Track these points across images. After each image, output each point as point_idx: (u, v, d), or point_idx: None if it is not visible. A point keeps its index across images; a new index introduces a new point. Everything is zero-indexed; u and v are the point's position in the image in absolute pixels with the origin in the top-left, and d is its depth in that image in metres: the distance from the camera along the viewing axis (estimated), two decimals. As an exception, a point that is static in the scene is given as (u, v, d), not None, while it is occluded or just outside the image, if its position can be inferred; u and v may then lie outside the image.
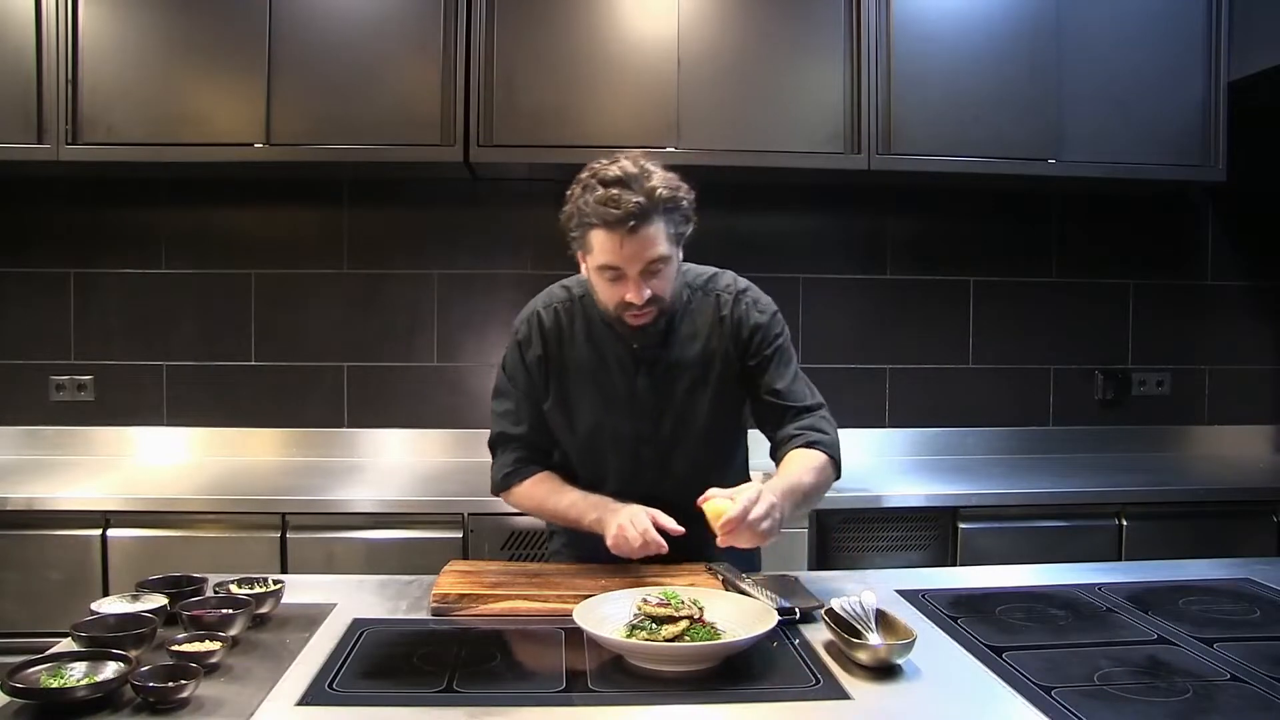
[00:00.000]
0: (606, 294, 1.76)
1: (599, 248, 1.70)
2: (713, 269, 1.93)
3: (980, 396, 3.39)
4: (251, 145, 2.83)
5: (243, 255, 3.23)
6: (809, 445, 1.80)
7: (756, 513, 1.58)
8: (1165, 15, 3.04)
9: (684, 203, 1.73)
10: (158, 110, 2.82)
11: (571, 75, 2.87)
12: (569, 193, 1.73)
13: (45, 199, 3.19)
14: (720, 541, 1.59)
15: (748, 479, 2.05)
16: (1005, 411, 3.40)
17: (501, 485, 1.94)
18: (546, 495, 1.89)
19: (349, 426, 3.24)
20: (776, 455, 1.86)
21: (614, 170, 1.68)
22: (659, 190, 1.67)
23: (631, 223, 1.64)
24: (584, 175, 1.72)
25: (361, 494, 2.71)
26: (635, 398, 1.85)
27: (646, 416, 1.86)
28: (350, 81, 2.84)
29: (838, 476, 1.84)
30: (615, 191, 1.65)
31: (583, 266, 1.79)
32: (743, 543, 1.59)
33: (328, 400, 3.24)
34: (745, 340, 1.85)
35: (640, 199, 1.64)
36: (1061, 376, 3.43)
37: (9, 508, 2.54)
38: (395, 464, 3.15)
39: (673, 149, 2.87)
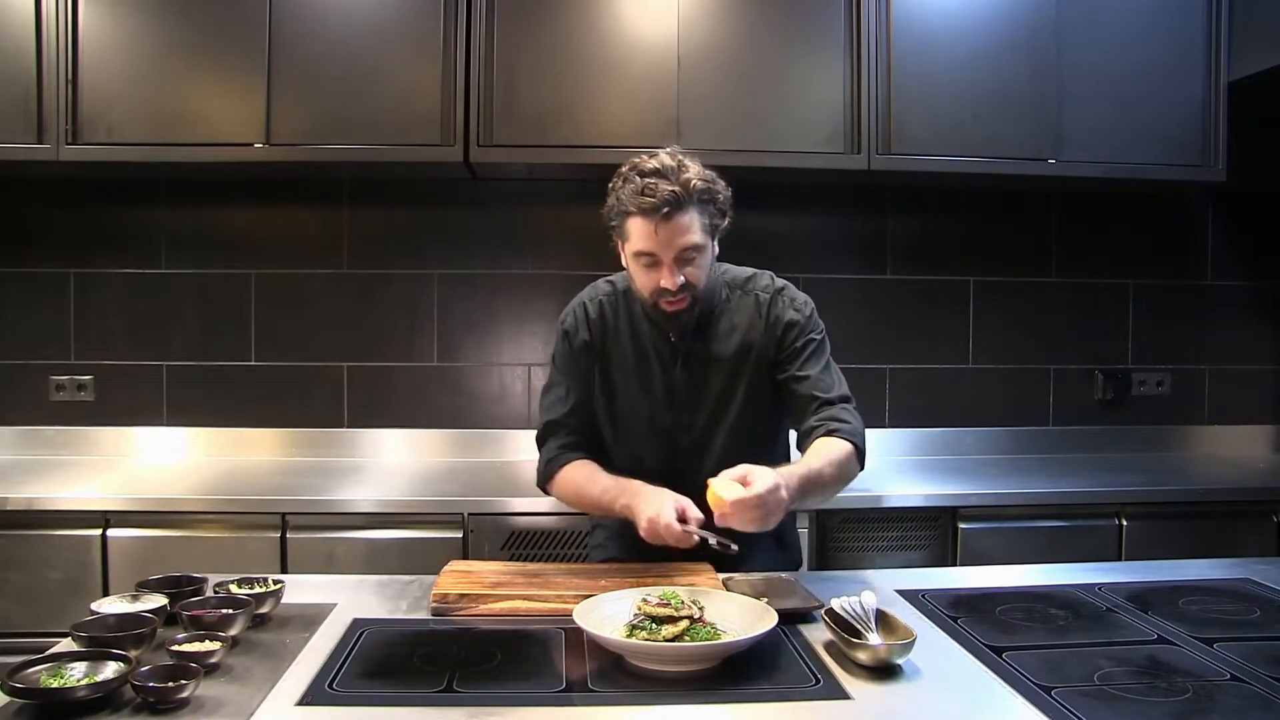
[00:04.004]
0: (642, 280, 1.84)
1: (635, 234, 1.79)
2: (752, 270, 2.02)
3: (980, 396, 3.39)
4: (251, 145, 2.83)
5: (243, 255, 3.23)
6: (830, 434, 1.83)
7: (767, 498, 1.56)
8: (1165, 15, 3.04)
9: (720, 196, 1.82)
10: (158, 110, 2.82)
11: (571, 75, 2.87)
12: (610, 185, 1.83)
13: (45, 199, 3.19)
14: (717, 521, 1.59)
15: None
16: (1005, 411, 3.40)
17: (544, 474, 1.98)
18: (584, 482, 1.91)
19: (349, 426, 3.24)
20: (801, 446, 1.88)
21: (653, 163, 1.78)
22: (694, 182, 1.76)
23: (666, 209, 1.74)
24: (624, 169, 1.82)
25: (361, 494, 2.71)
26: (673, 389, 1.93)
27: (684, 407, 1.93)
28: (350, 81, 2.84)
29: (861, 467, 1.87)
30: (652, 181, 1.75)
31: (623, 257, 1.88)
32: (739, 525, 1.58)
33: (328, 400, 3.24)
34: (780, 336, 1.92)
35: (675, 188, 1.74)
36: (1061, 376, 3.43)
37: (9, 508, 2.54)
38: (395, 464, 3.15)
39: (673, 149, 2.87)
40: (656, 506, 1.70)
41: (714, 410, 1.93)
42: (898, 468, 3.15)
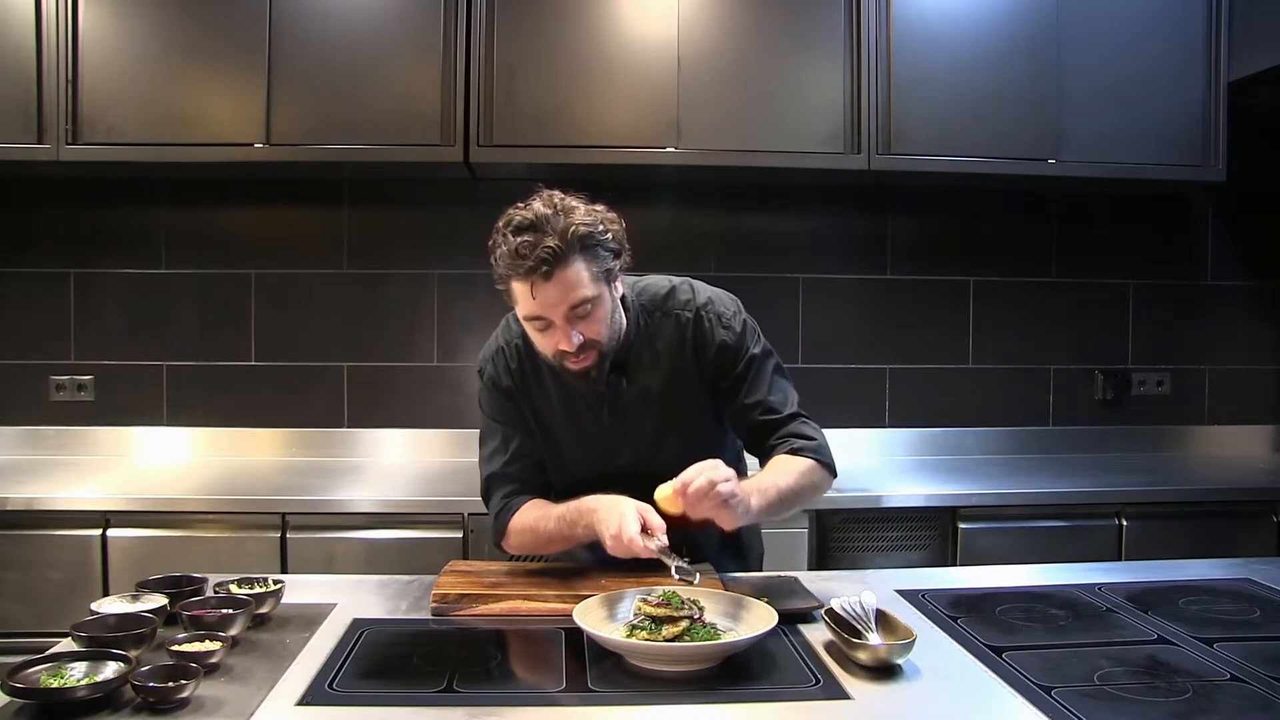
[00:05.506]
0: (540, 344, 1.71)
1: (519, 299, 1.65)
2: (668, 282, 1.84)
3: (980, 396, 3.39)
4: (251, 145, 2.83)
5: (243, 255, 3.23)
6: (794, 452, 1.76)
7: (715, 475, 1.51)
8: (1165, 15, 3.04)
9: (608, 236, 1.65)
10: (158, 110, 2.82)
11: (571, 75, 2.87)
12: (490, 243, 1.66)
13: (45, 199, 3.19)
14: (689, 512, 1.53)
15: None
16: (1005, 411, 3.40)
17: (497, 531, 1.84)
18: (536, 521, 1.78)
19: (349, 426, 3.24)
20: (764, 465, 1.81)
21: (528, 214, 1.61)
22: (574, 228, 1.59)
23: (544, 269, 1.57)
24: (500, 223, 1.64)
25: (361, 494, 2.71)
26: (605, 432, 1.81)
27: (619, 448, 1.82)
28: (350, 81, 2.84)
29: (833, 476, 1.80)
30: (527, 238, 1.58)
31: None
32: (702, 512, 1.53)
33: (328, 400, 3.24)
34: (712, 361, 1.79)
35: (553, 242, 1.57)
36: (1061, 376, 3.43)
37: (9, 508, 2.54)
38: (395, 464, 3.15)
39: (673, 149, 2.87)
40: (617, 521, 1.60)
41: (652, 448, 1.81)
42: (898, 468, 3.15)
